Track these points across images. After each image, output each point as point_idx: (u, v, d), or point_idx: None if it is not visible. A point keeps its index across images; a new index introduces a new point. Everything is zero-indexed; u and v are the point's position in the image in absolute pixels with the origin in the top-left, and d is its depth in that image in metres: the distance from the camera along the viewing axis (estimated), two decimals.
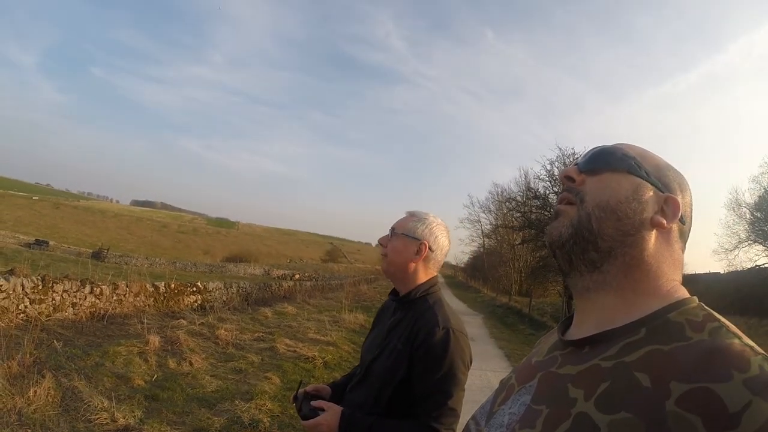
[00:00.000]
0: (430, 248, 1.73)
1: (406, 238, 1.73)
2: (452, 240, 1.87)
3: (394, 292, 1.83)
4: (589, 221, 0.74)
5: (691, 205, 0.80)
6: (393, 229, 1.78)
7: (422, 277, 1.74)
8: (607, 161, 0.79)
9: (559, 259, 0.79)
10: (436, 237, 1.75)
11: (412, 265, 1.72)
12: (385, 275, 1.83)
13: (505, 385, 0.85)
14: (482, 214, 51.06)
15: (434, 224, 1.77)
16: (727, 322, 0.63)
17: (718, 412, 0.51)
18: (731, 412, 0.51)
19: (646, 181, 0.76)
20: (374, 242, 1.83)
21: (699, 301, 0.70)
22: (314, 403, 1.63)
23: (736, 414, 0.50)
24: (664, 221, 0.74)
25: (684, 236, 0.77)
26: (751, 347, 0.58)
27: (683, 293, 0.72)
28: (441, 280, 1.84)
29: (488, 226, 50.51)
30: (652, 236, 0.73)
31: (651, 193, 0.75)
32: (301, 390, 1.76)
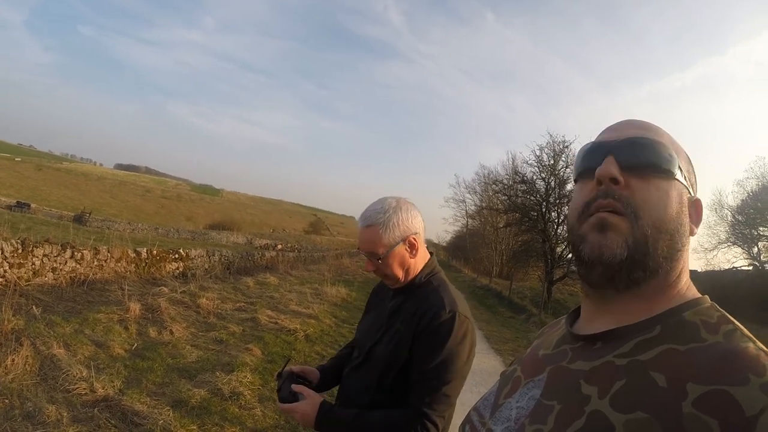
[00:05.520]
0: (416, 234, 1.61)
1: (393, 250, 1.57)
2: (436, 219, 1.69)
3: None
4: (645, 243, 0.67)
5: None
6: (373, 254, 1.58)
7: (420, 263, 1.65)
8: (656, 164, 0.70)
9: (596, 275, 0.70)
10: (412, 219, 1.61)
11: (411, 261, 1.61)
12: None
13: (510, 378, 0.82)
14: (467, 195, 51.41)
15: (399, 211, 1.60)
16: (740, 325, 0.62)
17: (735, 416, 0.51)
18: (748, 416, 0.50)
19: (684, 185, 0.71)
20: (358, 215, 1.61)
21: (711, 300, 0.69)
22: (295, 387, 1.57)
23: (752, 418, 0.50)
24: (696, 228, 0.71)
25: (693, 234, 0.75)
26: (766, 352, 0.58)
27: (695, 292, 0.70)
28: None
29: (473, 207, 50.94)
30: (689, 245, 0.71)
31: (686, 198, 0.71)
32: (287, 368, 1.69)
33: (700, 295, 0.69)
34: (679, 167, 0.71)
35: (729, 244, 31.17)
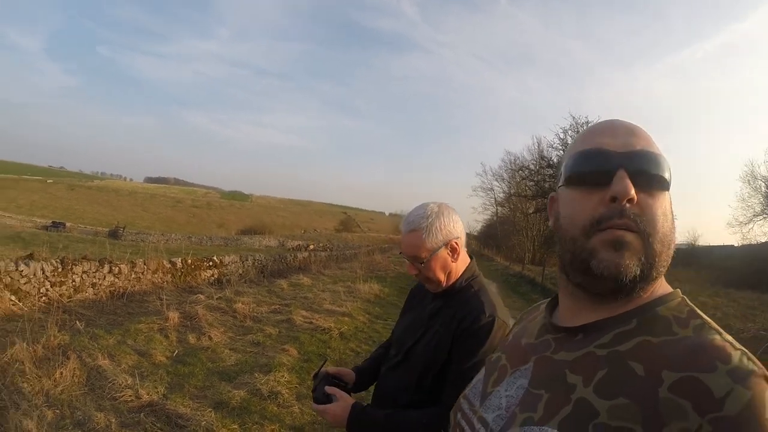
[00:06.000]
0: (457, 238, 1.63)
1: (436, 254, 1.59)
2: (465, 208, 1.65)
3: None
4: (653, 257, 0.70)
5: None
6: (417, 258, 1.60)
7: (461, 267, 1.66)
8: (663, 179, 0.72)
9: (602, 288, 0.72)
10: (454, 224, 1.63)
11: (453, 265, 1.63)
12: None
13: (496, 366, 0.87)
14: (495, 183, 50.58)
15: (441, 216, 1.61)
16: (707, 319, 0.68)
17: (705, 398, 0.57)
18: (717, 398, 0.56)
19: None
20: (387, 211, 1.59)
21: (682, 293, 0.74)
22: (329, 389, 1.61)
23: (720, 399, 0.56)
24: None
25: None
26: (731, 343, 0.63)
27: (667, 286, 0.75)
28: None
29: (501, 195, 50.13)
30: None
31: None
32: (323, 369, 1.73)
33: (671, 290, 0.74)
34: (671, 176, 0.73)
35: (765, 215, 29.82)
